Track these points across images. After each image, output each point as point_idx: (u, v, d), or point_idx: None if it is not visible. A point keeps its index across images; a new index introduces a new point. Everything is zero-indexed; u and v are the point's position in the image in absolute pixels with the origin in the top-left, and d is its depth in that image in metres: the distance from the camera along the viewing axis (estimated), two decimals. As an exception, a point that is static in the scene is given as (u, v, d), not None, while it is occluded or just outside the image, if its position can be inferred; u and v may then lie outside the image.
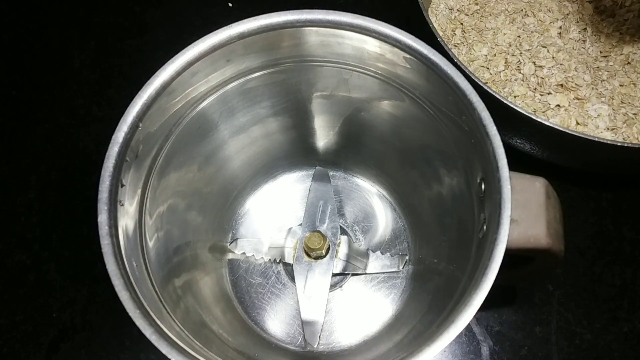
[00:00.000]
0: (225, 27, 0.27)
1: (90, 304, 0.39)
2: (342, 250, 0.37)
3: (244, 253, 0.37)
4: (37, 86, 0.48)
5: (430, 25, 0.37)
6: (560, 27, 0.43)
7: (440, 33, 0.43)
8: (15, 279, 0.40)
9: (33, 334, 0.38)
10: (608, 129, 0.39)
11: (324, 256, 0.36)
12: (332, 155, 0.39)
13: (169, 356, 0.22)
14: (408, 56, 0.27)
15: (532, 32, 0.43)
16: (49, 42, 0.50)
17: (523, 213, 0.25)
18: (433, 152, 0.32)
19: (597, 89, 0.40)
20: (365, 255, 0.37)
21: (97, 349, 0.37)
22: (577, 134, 0.33)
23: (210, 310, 0.33)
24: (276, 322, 0.36)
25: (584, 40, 0.43)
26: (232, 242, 0.38)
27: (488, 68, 0.42)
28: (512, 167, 0.24)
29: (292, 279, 0.36)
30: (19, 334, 0.38)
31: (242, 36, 0.27)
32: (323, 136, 0.38)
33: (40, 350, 0.37)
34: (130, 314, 0.23)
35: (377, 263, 0.37)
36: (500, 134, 0.25)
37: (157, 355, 0.22)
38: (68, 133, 0.45)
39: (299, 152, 0.39)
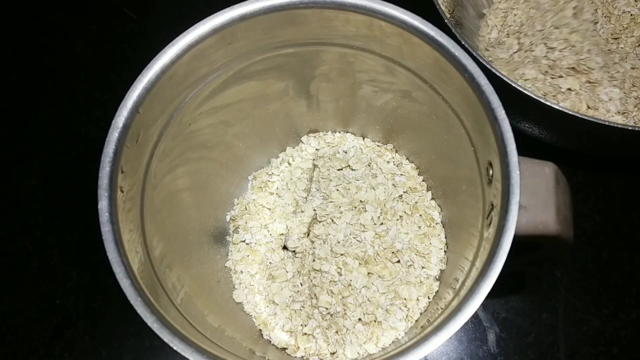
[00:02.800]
0: (226, 9, 0.27)
1: (94, 290, 0.39)
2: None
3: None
4: (38, 71, 0.47)
5: (437, 7, 0.36)
6: (575, 7, 0.42)
7: (448, 15, 0.42)
8: (18, 265, 0.40)
9: (36, 321, 0.38)
10: (619, 112, 0.38)
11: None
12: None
13: (171, 344, 0.22)
14: (415, 38, 0.27)
15: (546, 11, 0.42)
16: (49, 26, 0.49)
17: (532, 199, 0.24)
18: (438, 137, 0.32)
19: (609, 72, 0.39)
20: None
21: (101, 335, 0.37)
22: (587, 118, 0.33)
23: (210, 297, 0.33)
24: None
25: (595, 22, 0.42)
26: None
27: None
28: (521, 151, 0.24)
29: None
30: (23, 320, 0.38)
31: (243, 18, 0.27)
32: (323, 118, 0.37)
33: (44, 337, 0.37)
34: (132, 301, 0.23)
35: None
36: (509, 118, 0.24)
37: (161, 342, 0.22)
38: (70, 118, 0.45)
39: (303, 131, 0.38)
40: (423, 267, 0.33)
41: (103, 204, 0.24)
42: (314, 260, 0.33)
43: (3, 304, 0.38)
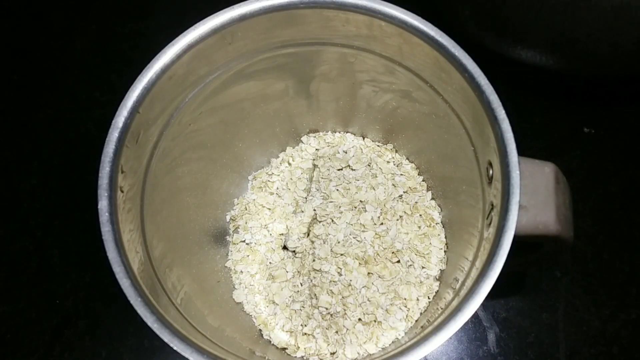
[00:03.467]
0: (226, 9, 0.27)
1: (94, 290, 0.39)
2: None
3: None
4: (38, 71, 0.47)
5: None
6: None
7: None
8: (18, 265, 0.39)
9: (36, 321, 0.38)
10: None
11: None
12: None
13: (171, 344, 0.22)
14: (415, 38, 0.27)
15: None
16: (49, 25, 0.49)
17: (532, 199, 0.24)
18: (438, 137, 0.32)
19: None
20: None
21: (101, 335, 0.37)
22: None
23: (210, 297, 0.33)
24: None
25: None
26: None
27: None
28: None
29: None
30: (23, 320, 0.38)
31: (243, 17, 0.27)
32: (323, 118, 0.37)
33: (44, 337, 0.37)
34: (132, 301, 0.23)
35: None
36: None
37: (161, 342, 0.22)
38: (70, 118, 0.45)
39: (303, 131, 0.38)
40: (423, 267, 0.33)
41: (103, 204, 0.24)
42: (314, 260, 0.33)
43: (3, 304, 0.38)
